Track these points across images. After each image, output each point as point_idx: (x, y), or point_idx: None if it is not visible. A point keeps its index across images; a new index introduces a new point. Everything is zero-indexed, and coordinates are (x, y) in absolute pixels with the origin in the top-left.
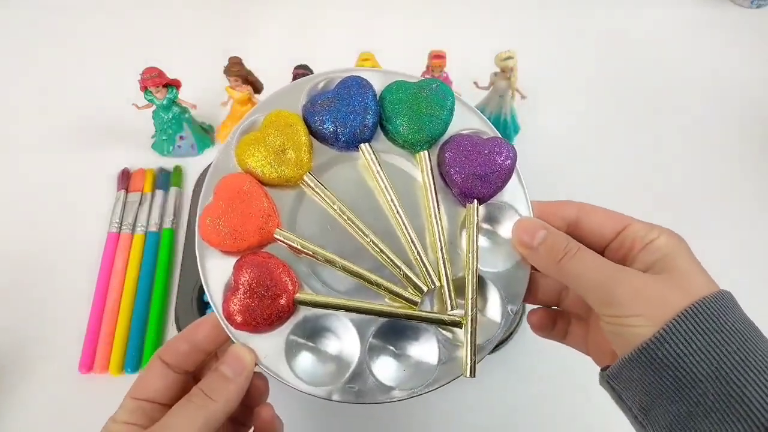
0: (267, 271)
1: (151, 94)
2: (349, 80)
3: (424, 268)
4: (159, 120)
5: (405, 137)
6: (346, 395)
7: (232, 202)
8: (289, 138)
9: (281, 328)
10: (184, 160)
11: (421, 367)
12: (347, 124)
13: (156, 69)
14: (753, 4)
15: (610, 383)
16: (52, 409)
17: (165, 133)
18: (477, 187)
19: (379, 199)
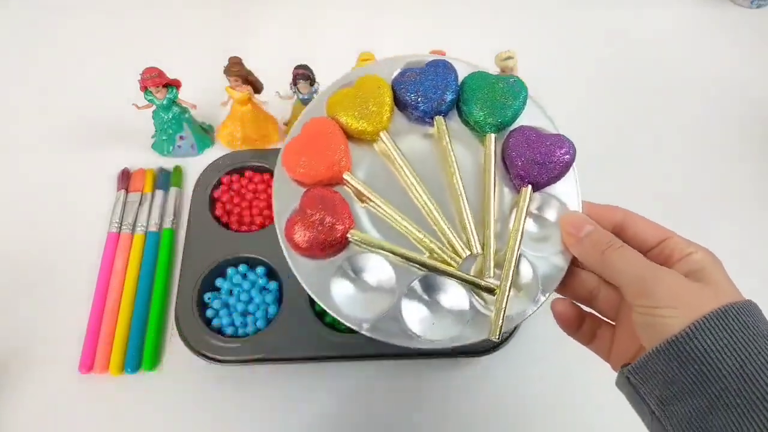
0: (330, 203)
1: (151, 94)
2: (437, 61)
3: (470, 235)
4: (159, 120)
5: (477, 118)
6: (376, 331)
7: (315, 139)
8: (375, 98)
9: (331, 259)
10: (184, 160)
11: (449, 324)
12: (428, 96)
13: (156, 69)
14: (753, 4)
15: (629, 378)
16: (52, 409)
17: (165, 133)
18: (534, 172)
19: (442, 170)
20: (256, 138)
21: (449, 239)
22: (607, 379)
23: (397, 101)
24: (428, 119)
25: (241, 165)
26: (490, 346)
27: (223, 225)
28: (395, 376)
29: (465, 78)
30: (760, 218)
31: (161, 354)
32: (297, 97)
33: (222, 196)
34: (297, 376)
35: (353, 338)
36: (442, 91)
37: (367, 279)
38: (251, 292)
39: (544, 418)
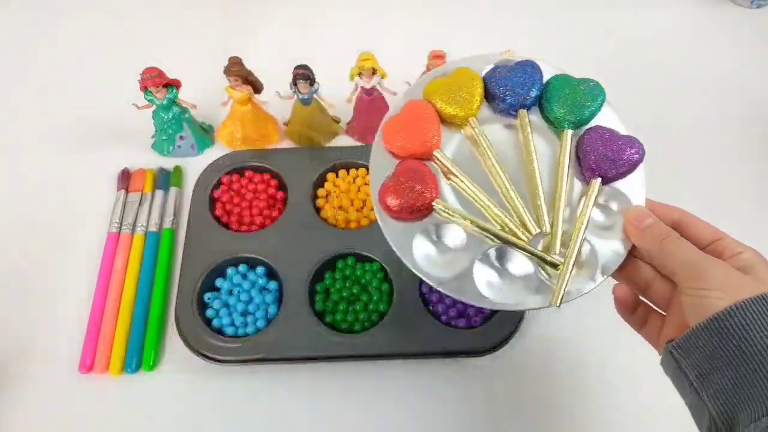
0: (420, 174)
1: (151, 94)
2: (527, 61)
3: (542, 215)
4: (159, 120)
5: (557, 115)
6: (448, 288)
7: (413, 118)
8: (468, 87)
9: (417, 223)
10: (184, 160)
11: (515, 291)
12: (516, 91)
13: (156, 69)
14: (753, 4)
15: (672, 353)
16: (52, 409)
17: (165, 133)
18: (605, 167)
19: (519, 157)
20: (256, 138)
21: (522, 217)
22: (606, 379)
23: (487, 93)
24: (512, 112)
25: (241, 165)
26: (490, 346)
27: (223, 225)
28: (395, 376)
29: (550, 78)
30: (760, 218)
31: (161, 354)
32: (297, 97)
33: (222, 196)
34: (297, 376)
35: (353, 338)
36: (529, 88)
37: (445, 243)
38: (251, 292)
39: (544, 417)
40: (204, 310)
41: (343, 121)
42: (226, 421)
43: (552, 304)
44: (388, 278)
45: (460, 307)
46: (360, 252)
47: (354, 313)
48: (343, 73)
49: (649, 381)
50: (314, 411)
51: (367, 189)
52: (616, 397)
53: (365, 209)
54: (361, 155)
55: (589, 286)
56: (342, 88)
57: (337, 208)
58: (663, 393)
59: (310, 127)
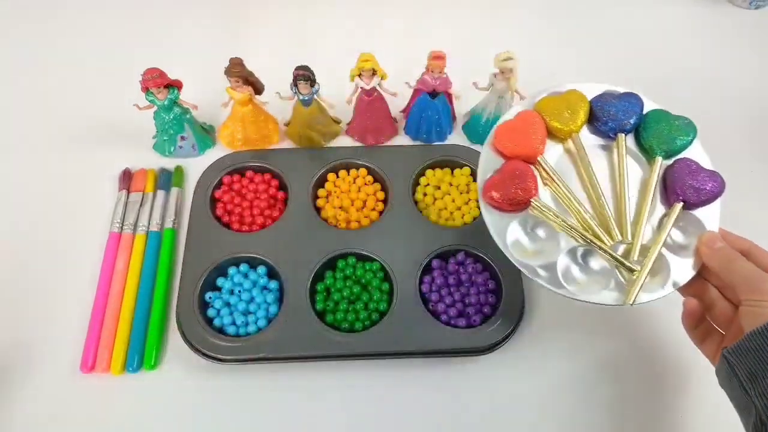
0: (524, 172)
1: (152, 94)
2: (631, 93)
3: (625, 226)
4: (160, 120)
5: (651, 143)
6: (533, 274)
7: (524, 125)
8: (573, 107)
9: (515, 215)
10: (186, 160)
11: (593, 286)
12: (618, 117)
13: (157, 69)
14: (751, 5)
15: (727, 357)
16: (53, 408)
17: (166, 134)
18: (688, 193)
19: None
20: (257, 138)
21: (607, 225)
22: (606, 379)
23: (591, 115)
24: (611, 134)
25: (241, 165)
26: (489, 345)
27: (224, 225)
28: (395, 375)
29: (649, 111)
30: (759, 217)
31: (163, 354)
32: (297, 97)
33: (223, 197)
34: (298, 375)
35: (353, 337)
36: (630, 116)
37: (537, 234)
38: (252, 291)
39: (544, 417)
40: (205, 310)
41: (343, 122)
42: (227, 420)
43: (626, 303)
44: (389, 278)
45: (459, 307)
46: (360, 252)
47: (354, 312)
48: (343, 73)
49: (646, 381)
50: (315, 410)
51: (367, 189)
52: (616, 396)
53: (365, 209)
54: (361, 155)
55: (659, 294)
56: (342, 88)
57: (337, 208)
58: (660, 394)
59: (310, 128)
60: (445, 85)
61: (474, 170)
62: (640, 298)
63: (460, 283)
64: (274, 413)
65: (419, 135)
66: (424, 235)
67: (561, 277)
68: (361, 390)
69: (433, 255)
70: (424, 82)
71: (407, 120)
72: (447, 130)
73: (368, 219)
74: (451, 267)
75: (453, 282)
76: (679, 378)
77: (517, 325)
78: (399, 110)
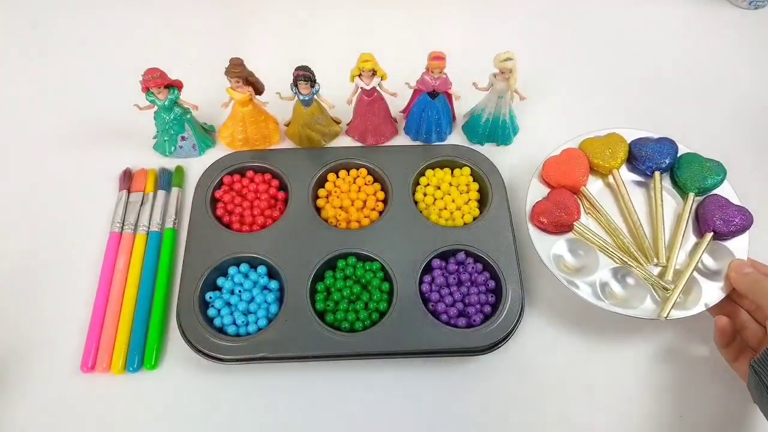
0: (568, 198)
1: (152, 95)
2: (665, 138)
3: (660, 251)
4: (161, 121)
5: (686, 181)
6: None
7: (569, 160)
8: (613, 147)
9: (560, 236)
10: (186, 160)
11: (630, 301)
12: (654, 156)
13: (157, 69)
14: (751, 5)
15: (754, 367)
16: (54, 408)
17: (167, 134)
18: (719, 224)
19: (647, 207)
20: (257, 139)
21: (643, 248)
22: (606, 379)
23: (630, 154)
24: (648, 172)
25: (242, 165)
26: (489, 345)
27: (224, 225)
28: (395, 374)
29: (683, 154)
30: (759, 218)
31: (163, 353)
32: (297, 98)
33: (223, 197)
34: (298, 375)
35: (354, 338)
36: (665, 156)
37: (579, 253)
38: (252, 291)
39: (544, 417)
40: (205, 310)
41: (343, 122)
42: (228, 419)
43: (660, 316)
44: (389, 278)
45: (459, 307)
46: (360, 251)
47: (354, 312)
48: (343, 74)
49: (643, 383)
50: (315, 410)
51: (367, 189)
52: (616, 395)
53: (365, 209)
54: (362, 156)
55: (693, 311)
56: (342, 89)
57: (337, 208)
58: (660, 393)
59: (310, 128)
60: (444, 85)
61: (474, 170)
62: (673, 314)
63: (461, 282)
64: (274, 413)
65: (419, 135)
66: (424, 235)
67: (601, 291)
68: (361, 390)
69: (434, 255)
70: (424, 83)
71: (407, 120)
72: (447, 130)
73: (368, 219)
74: (451, 267)
75: (453, 282)
76: (679, 377)
77: (516, 324)
78: (399, 110)
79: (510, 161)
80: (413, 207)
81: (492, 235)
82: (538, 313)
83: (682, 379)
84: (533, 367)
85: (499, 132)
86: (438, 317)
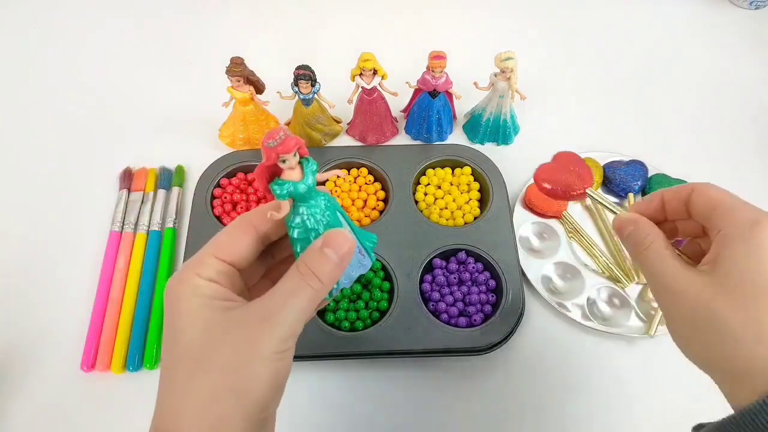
0: (580, 161)
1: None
2: (636, 161)
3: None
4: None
5: None
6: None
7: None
8: None
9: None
10: (186, 160)
11: (616, 321)
12: (626, 180)
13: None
14: (751, 5)
15: None
16: (54, 407)
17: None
18: None
19: None
20: (258, 138)
21: (625, 268)
22: (605, 378)
23: (605, 177)
24: (622, 194)
25: (242, 165)
26: (490, 345)
27: (224, 225)
28: (396, 374)
29: (653, 175)
30: None
31: None
32: (298, 97)
33: (224, 196)
34: (298, 373)
35: (354, 337)
36: (636, 179)
37: (568, 277)
38: None
39: (544, 417)
40: None
41: (344, 121)
42: None
43: (647, 333)
44: (389, 277)
45: (460, 306)
46: None
47: (355, 311)
48: (344, 73)
49: (645, 380)
50: (315, 409)
51: (368, 188)
52: (615, 395)
53: (366, 208)
54: (362, 155)
55: None
56: (343, 88)
57: None
58: (660, 392)
59: (311, 127)
60: (445, 84)
61: (475, 169)
62: (659, 330)
63: (461, 282)
64: None
65: (420, 134)
66: (425, 235)
67: (590, 311)
68: (361, 389)
69: (434, 254)
70: (424, 82)
71: (408, 119)
72: (447, 129)
73: (369, 218)
74: (451, 266)
75: (454, 281)
76: (679, 376)
77: (517, 324)
78: (400, 110)
79: (511, 161)
80: (414, 206)
81: (493, 234)
82: (539, 313)
83: (682, 378)
84: (534, 367)
85: (499, 131)
86: (438, 317)
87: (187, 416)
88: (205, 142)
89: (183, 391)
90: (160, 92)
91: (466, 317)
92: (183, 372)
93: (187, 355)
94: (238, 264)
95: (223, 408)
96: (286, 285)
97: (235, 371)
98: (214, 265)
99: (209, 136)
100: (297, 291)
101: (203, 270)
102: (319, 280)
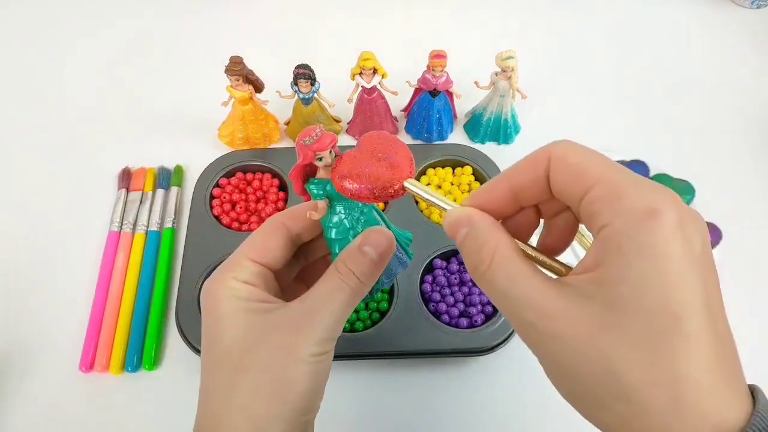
0: (393, 143)
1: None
2: (638, 160)
3: None
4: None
5: None
6: None
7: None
8: None
9: None
10: (186, 159)
11: None
12: None
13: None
14: (753, 4)
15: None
16: (52, 408)
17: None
18: None
19: None
20: (258, 137)
21: None
22: None
23: None
24: None
25: (241, 164)
26: (491, 345)
27: (223, 224)
28: (396, 375)
29: (653, 175)
30: (759, 218)
31: (162, 353)
32: (298, 96)
33: (223, 196)
34: None
35: (354, 338)
36: None
37: None
38: None
39: (546, 417)
40: None
41: (343, 121)
42: None
43: None
44: None
45: (461, 307)
46: None
47: (355, 312)
48: (343, 72)
49: None
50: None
51: None
52: None
53: None
54: None
55: None
56: (343, 87)
57: None
58: None
59: None
60: (446, 84)
61: (476, 169)
62: None
63: (462, 283)
64: None
65: (420, 134)
66: (426, 235)
67: None
68: (361, 390)
69: (435, 255)
70: (425, 81)
71: (408, 119)
72: (448, 129)
73: None
74: (452, 267)
75: (455, 282)
76: None
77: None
78: (400, 109)
79: (512, 160)
80: (414, 206)
81: None
82: None
83: None
84: (535, 368)
85: (500, 131)
86: (439, 317)
87: (229, 417)
88: (204, 142)
89: (224, 392)
90: (158, 91)
91: (467, 318)
92: (224, 373)
93: (228, 357)
94: (272, 266)
95: (264, 408)
96: (325, 285)
97: (276, 373)
98: (249, 267)
99: (208, 136)
100: (336, 291)
101: (239, 272)
102: (359, 279)
